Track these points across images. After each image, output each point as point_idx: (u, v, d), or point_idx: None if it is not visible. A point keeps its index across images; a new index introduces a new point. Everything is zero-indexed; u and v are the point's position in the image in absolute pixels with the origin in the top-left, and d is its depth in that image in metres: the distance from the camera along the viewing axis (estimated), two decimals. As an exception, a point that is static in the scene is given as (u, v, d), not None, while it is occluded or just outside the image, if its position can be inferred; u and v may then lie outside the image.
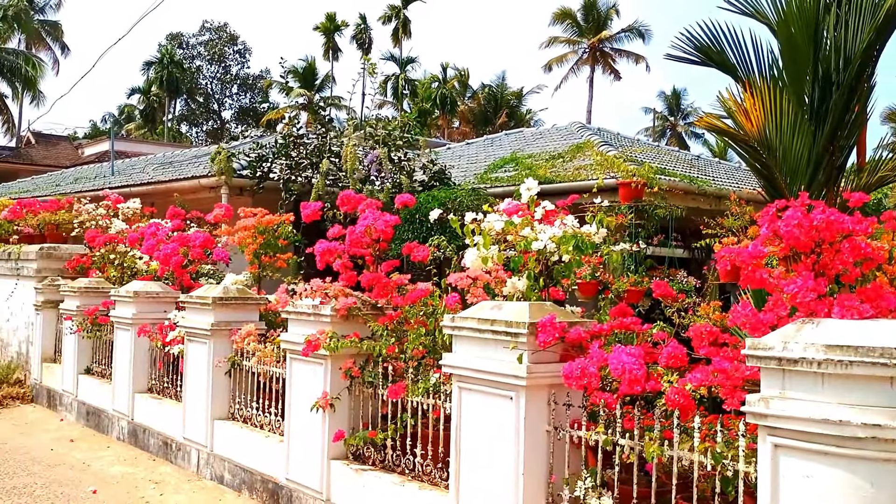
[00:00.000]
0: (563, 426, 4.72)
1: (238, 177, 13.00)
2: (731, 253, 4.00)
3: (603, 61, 47.59)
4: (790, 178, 5.97)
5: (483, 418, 4.96)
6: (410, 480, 5.71)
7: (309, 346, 6.12)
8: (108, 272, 10.90)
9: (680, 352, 4.38)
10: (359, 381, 6.24)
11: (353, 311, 6.22)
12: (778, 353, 3.41)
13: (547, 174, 13.37)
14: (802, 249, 3.86)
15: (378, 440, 6.01)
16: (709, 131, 6.36)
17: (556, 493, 4.73)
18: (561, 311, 5.00)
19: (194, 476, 7.92)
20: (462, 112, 50.99)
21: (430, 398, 5.63)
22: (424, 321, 5.97)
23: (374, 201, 7.04)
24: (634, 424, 4.33)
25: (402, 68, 52.20)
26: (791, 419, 3.35)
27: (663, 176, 11.77)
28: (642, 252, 10.09)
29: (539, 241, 5.17)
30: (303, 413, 6.43)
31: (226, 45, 61.66)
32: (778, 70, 6.09)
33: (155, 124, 58.46)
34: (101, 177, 19.25)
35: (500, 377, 4.79)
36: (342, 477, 6.19)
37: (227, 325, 7.73)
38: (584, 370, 4.31)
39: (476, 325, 4.97)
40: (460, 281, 5.68)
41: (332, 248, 6.60)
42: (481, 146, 20.09)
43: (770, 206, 3.97)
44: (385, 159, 11.98)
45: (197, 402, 7.99)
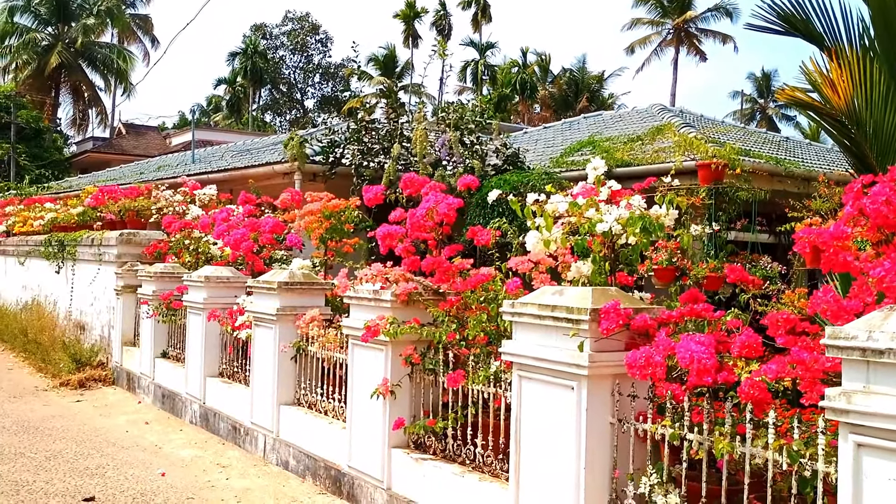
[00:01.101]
0: (627, 418, 4.45)
1: (311, 163, 13.03)
2: (810, 234, 3.66)
3: (688, 42, 46.23)
4: (881, 156, 5.52)
5: (544, 409, 4.73)
6: (471, 471, 5.53)
7: (368, 331, 6.00)
8: (184, 257, 11.06)
9: (754, 341, 4.05)
10: (419, 368, 6.09)
11: (413, 297, 6.06)
12: (861, 342, 3.08)
13: (625, 157, 12.96)
14: (891, 229, 3.49)
15: (438, 429, 5.84)
16: (791, 105, 5.94)
17: (619, 488, 4.47)
18: (626, 296, 4.72)
19: (260, 461, 7.93)
20: (542, 97, 50.37)
21: (490, 386, 5.43)
22: (486, 307, 5.77)
23: (438, 184, 6.85)
24: (703, 418, 4.04)
25: (482, 54, 51.91)
26: (876, 416, 3.02)
27: (747, 157, 11.24)
28: (723, 237, 9.65)
29: (604, 223, 4.88)
30: (364, 400, 6.32)
31: (308, 35, 62.51)
32: (869, 39, 5.62)
33: (240, 114, 59.80)
34: (182, 164, 19.66)
35: (560, 366, 4.56)
36: (402, 466, 6.05)
37: (292, 310, 7.70)
38: (649, 359, 4.03)
39: (536, 312, 4.73)
40: (521, 265, 5.45)
41: (392, 231, 6.45)
42: (559, 130, 19.69)
43: (856, 181, 3.61)
44: (456, 143, 11.79)
45: (264, 387, 7.99)
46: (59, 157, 39.05)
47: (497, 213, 10.52)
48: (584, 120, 20.34)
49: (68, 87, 45.83)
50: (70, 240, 13.79)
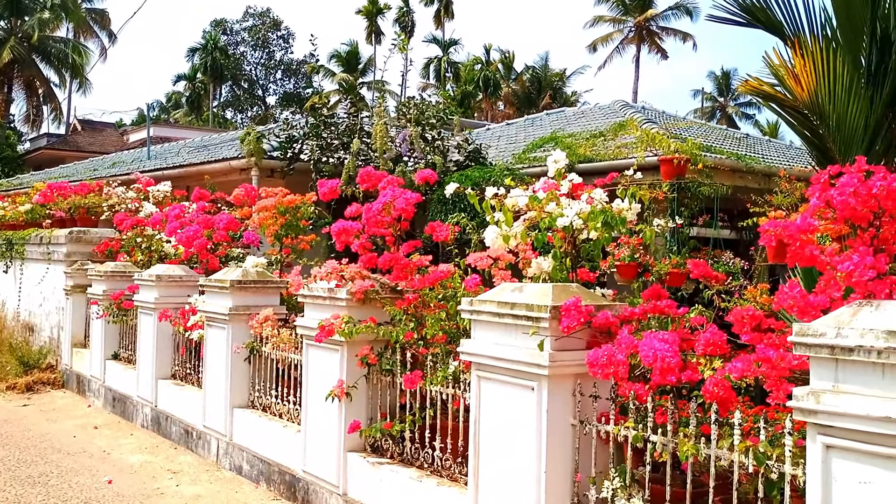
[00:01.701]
0: (589, 420, 4.30)
1: (269, 158, 12.73)
2: (776, 226, 3.53)
3: (649, 40, 46.45)
4: (845, 148, 5.43)
5: (503, 410, 4.56)
6: (429, 475, 5.35)
7: (322, 331, 5.78)
8: (136, 256, 10.73)
9: (719, 338, 3.92)
10: (376, 368, 5.88)
11: (369, 295, 5.85)
12: (830, 340, 2.95)
13: (587, 153, 12.85)
14: (859, 222, 3.37)
15: (395, 432, 5.65)
16: (754, 96, 5.84)
17: (581, 492, 4.32)
18: (588, 293, 4.57)
19: (213, 466, 7.67)
20: (506, 95, 50.32)
21: (449, 387, 5.24)
22: (445, 305, 5.59)
23: (396, 178, 6.66)
24: (667, 419, 3.90)
25: (445, 51, 51.72)
26: (845, 416, 2.89)
27: (709, 153, 11.19)
28: (685, 232, 9.57)
29: (565, 217, 4.73)
30: (319, 402, 6.10)
31: (269, 31, 61.73)
32: (831, 29, 5.53)
33: (201, 111, 58.90)
34: (137, 161, 19.20)
35: (520, 365, 4.39)
36: (359, 470, 5.85)
37: (245, 310, 7.44)
38: (611, 358, 3.88)
39: (495, 309, 4.56)
40: (480, 261, 5.28)
41: (348, 227, 6.24)
42: (521, 126, 19.56)
43: (822, 172, 3.48)
44: (417, 138, 11.59)
45: (216, 390, 7.73)
46: (12, 154, 38.02)
47: (459, 209, 10.35)
48: (546, 116, 20.26)
49: (21, 83, 44.69)
50: (18, 238, 13.34)
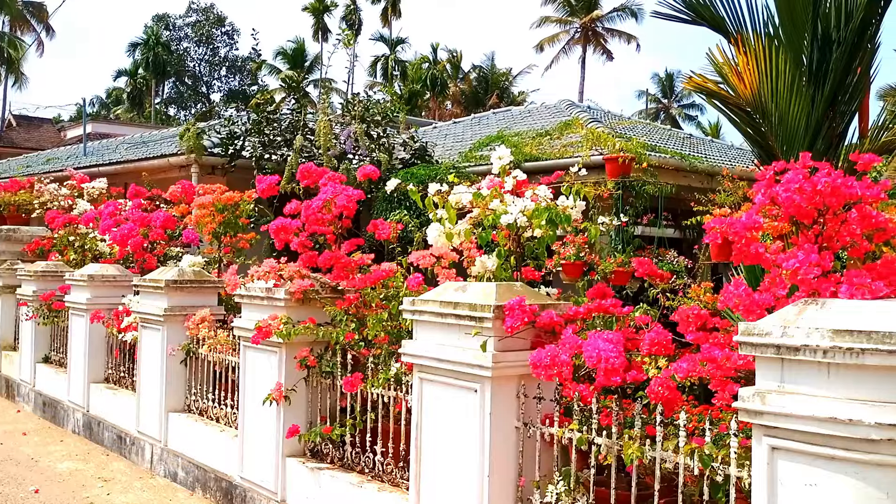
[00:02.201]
0: (533, 422, 4.19)
1: (209, 155, 12.42)
2: (721, 224, 3.47)
3: (595, 41, 46.85)
4: (787, 146, 5.43)
5: (446, 413, 4.43)
6: (369, 481, 5.19)
7: (260, 332, 5.58)
8: (69, 255, 10.34)
9: (664, 338, 3.85)
10: (316, 371, 5.70)
11: (309, 295, 5.67)
12: (776, 339, 2.88)
13: (533, 151, 12.83)
14: (804, 219, 3.32)
15: (335, 436, 5.48)
16: (697, 93, 5.81)
17: (525, 497, 4.21)
18: (532, 292, 4.47)
19: (147, 473, 7.39)
20: (454, 94, 50.27)
21: (391, 390, 5.10)
22: (387, 305, 5.44)
23: (338, 175, 6.47)
24: (612, 420, 3.81)
25: (392, 49, 51.44)
26: (791, 417, 2.82)
27: (653, 152, 11.24)
28: (630, 231, 9.58)
29: (509, 215, 4.62)
30: (257, 406, 5.89)
31: (213, 27, 60.67)
32: (773, 27, 5.52)
33: (143, 107, 57.62)
34: (73, 157, 18.60)
35: (463, 367, 4.27)
36: (298, 476, 5.66)
37: (181, 311, 7.18)
38: (555, 358, 3.78)
39: (438, 309, 4.43)
40: (422, 260, 5.14)
41: (286, 225, 6.04)
42: (468, 125, 19.49)
43: (767, 168, 3.43)
44: (362, 135, 11.41)
45: (151, 394, 7.45)
46: (-57, 150, 36.66)
47: (405, 207, 10.21)
48: (493, 115, 20.22)
49: (-47, 77, 43.19)
50: (-56, 237, 12.76)
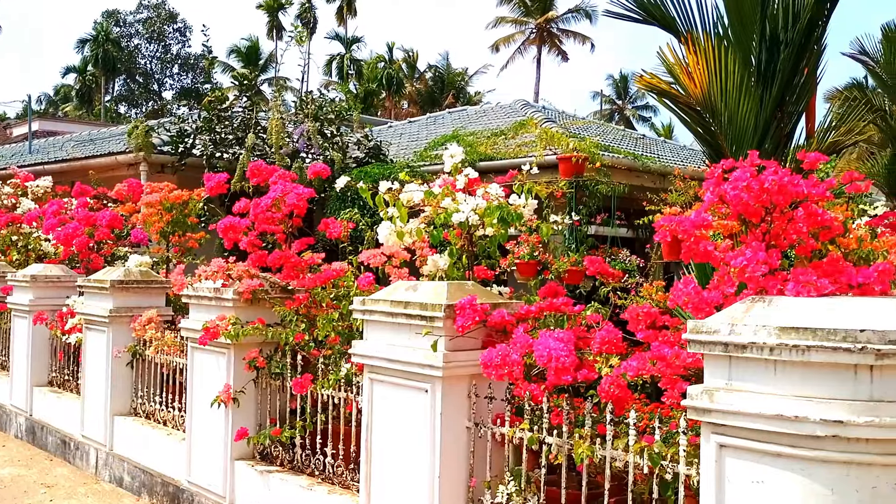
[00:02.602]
0: (484, 422, 4.16)
1: (159, 153, 12.21)
2: (671, 222, 3.47)
3: (550, 42, 47.12)
4: (736, 146, 5.49)
5: (396, 414, 4.38)
6: (320, 483, 5.11)
7: (207, 333, 5.46)
8: (11, 255, 10.03)
9: (614, 336, 3.84)
10: (265, 372, 5.60)
11: (258, 294, 5.57)
12: (724, 337, 2.88)
13: (488, 151, 12.84)
14: (751, 217, 3.33)
15: (284, 438, 5.39)
16: (649, 92, 5.85)
17: (476, 497, 4.17)
18: (484, 291, 4.44)
19: (92, 478, 7.20)
20: (410, 93, 50.18)
21: (341, 391, 5.02)
22: (337, 305, 5.36)
23: (288, 173, 6.37)
24: (563, 419, 3.79)
25: (348, 48, 51.17)
26: (739, 415, 2.82)
27: (606, 153, 11.32)
28: (583, 230, 9.62)
29: (460, 213, 4.58)
30: (205, 409, 5.76)
31: (165, 24, 59.70)
32: (723, 27, 5.58)
33: (92, 105, 56.47)
34: (18, 155, 18.12)
35: (414, 367, 4.22)
36: (247, 479, 5.55)
37: (128, 312, 7.01)
38: (506, 358, 3.75)
39: (388, 309, 4.37)
40: (373, 259, 5.08)
41: (235, 223, 5.93)
42: (423, 124, 19.46)
43: (716, 166, 3.44)
44: (315, 133, 11.29)
45: (96, 397, 7.26)
46: None
47: (358, 206, 10.11)
48: (448, 115, 20.22)
49: None
50: None
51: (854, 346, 2.62)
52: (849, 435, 2.62)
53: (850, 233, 4.53)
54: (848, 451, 2.64)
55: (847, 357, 2.63)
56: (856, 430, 2.61)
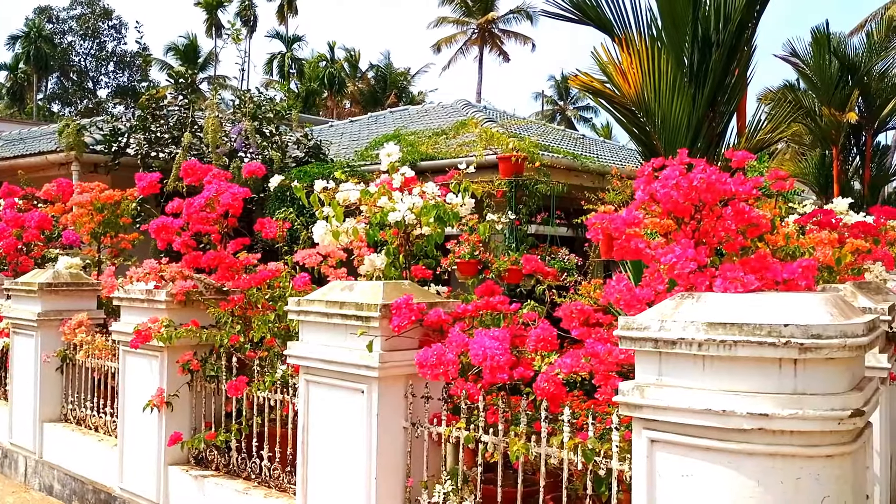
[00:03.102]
0: (421, 422, 4.14)
1: (91, 152, 11.88)
2: (602, 220, 3.50)
3: (491, 42, 47.33)
4: (669, 145, 5.57)
5: (333, 415, 4.33)
6: (256, 487, 5.03)
7: (139, 336, 5.33)
8: (-66, 258, 9.66)
9: (549, 333, 3.86)
10: (200, 375, 5.50)
11: (192, 296, 5.46)
12: (654, 333, 2.90)
13: (429, 150, 12.82)
14: (681, 214, 3.38)
15: (219, 442, 5.29)
16: (584, 92, 5.90)
17: (413, 497, 4.16)
18: (420, 290, 4.42)
19: (21, 487, 6.98)
20: (352, 93, 49.91)
21: (277, 393, 4.95)
22: (273, 306, 5.29)
23: (223, 172, 6.26)
24: (498, 418, 3.80)
25: (289, 46, 50.66)
26: (669, 410, 2.85)
27: (546, 152, 11.39)
28: (524, 230, 9.67)
29: (397, 212, 4.55)
30: (138, 413, 5.63)
31: (99, 20, 58.25)
32: (657, 28, 5.66)
33: (24, 103, 54.82)
34: (-57, 155, 17.45)
35: (350, 367, 4.18)
36: (181, 485, 5.44)
37: (57, 315, 6.82)
38: (441, 357, 3.74)
39: (324, 309, 4.32)
40: (308, 258, 5.02)
41: (167, 224, 5.80)
42: (365, 124, 19.35)
43: (646, 165, 3.48)
44: (252, 132, 11.12)
45: (25, 403, 7.03)
46: None
47: (297, 206, 10.00)
48: (390, 114, 20.14)
49: None
50: None
51: (778, 341, 2.67)
52: (774, 428, 2.67)
53: (778, 230, 4.65)
54: (773, 443, 2.69)
55: (772, 351, 2.68)
56: (780, 423, 2.66)
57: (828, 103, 13.28)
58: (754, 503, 2.75)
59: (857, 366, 2.95)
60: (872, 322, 2.97)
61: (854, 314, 2.96)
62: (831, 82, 13.30)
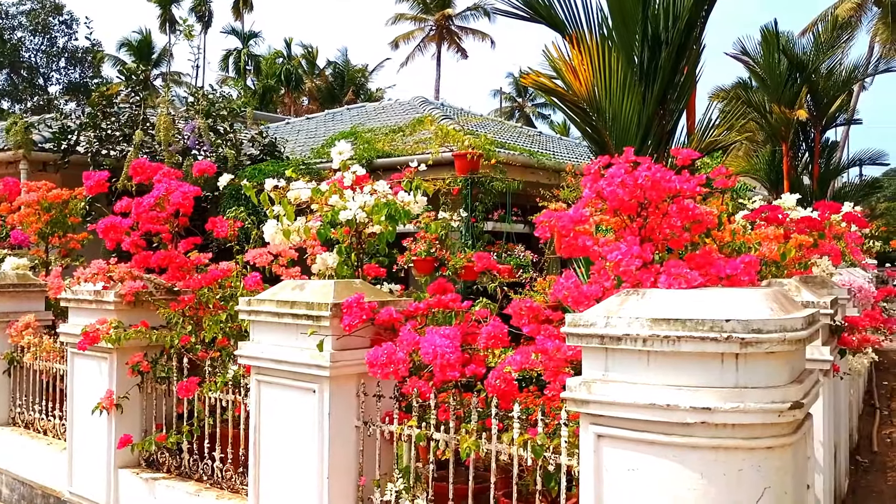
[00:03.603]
0: (373, 420, 4.14)
1: (40, 150, 11.66)
2: (550, 217, 3.53)
3: (449, 39, 47.34)
4: (620, 142, 5.63)
5: (285, 415, 4.31)
6: (208, 488, 4.98)
7: (86, 338, 5.24)
8: None
9: (499, 330, 3.88)
10: (150, 376, 5.42)
11: (141, 296, 5.38)
12: (600, 329, 2.93)
13: (385, 148, 12.81)
14: (627, 212, 3.43)
15: (170, 444, 5.22)
16: (535, 89, 5.93)
17: (366, 496, 4.15)
18: (372, 289, 4.41)
19: (-33, 493, 6.83)
20: (310, 90, 49.54)
21: (229, 393, 4.91)
22: (225, 306, 5.24)
23: (173, 171, 6.18)
24: (450, 415, 3.81)
25: (245, 43, 50.12)
26: (615, 405, 2.88)
27: (503, 149, 11.46)
28: (480, 227, 9.71)
29: (348, 211, 4.54)
30: (87, 416, 5.54)
31: (50, 16, 57.02)
32: (607, 27, 5.72)
33: (-29, 100, 53.49)
34: None
35: (301, 367, 4.15)
36: (131, 488, 5.37)
37: (3, 317, 6.69)
38: (391, 356, 3.74)
39: (274, 309, 4.29)
40: (258, 258, 4.98)
41: (115, 223, 5.70)
42: (322, 121, 19.26)
43: (593, 163, 3.52)
44: (206, 130, 10.99)
45: (-29, 408, 6.88)
46: None
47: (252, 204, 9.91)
48: (347, 111, 20.08)
49: None
50: None
51: (720, 336, 2.72)
52: (716, 421, 2.71)
53: (725, 226, 4.73)
54: (716, 436, 2.73)
55: (714, 346, 2.72)
56: (723, 416, 2.70)
57: (777, 101, 13.54)
58: (698, 496, 2.78)
59: (798, 359, 3.01)
60: (812, 316, 3.03)
61: (794, 309, 3.02)
62: (781, 80, 13.56)
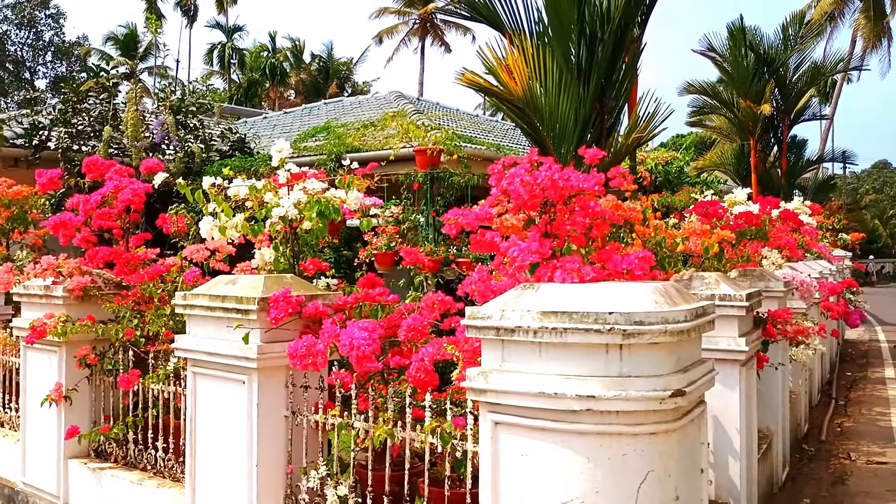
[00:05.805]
0: (300, 410, 4.28)
1: (11, 146, 11.73)
2: (457, 215, 3.68)
3: (433, 33, 47.37)
4: (558, 140, 5.78)
5: (217, 406, 4.45)
6: (150, 478, 5.13)
7: (34, 332, 5.37)
8: None
9: (419, 323, 4.03)
10: (98, 369, 5.56)
11: (89, 291, 5.51)
12: (496, 322, 3.08)
13: (356, 143, 12.94)
14: (531, 209, 3.58)
15: (114, 435, 5.36)
16: (471, 89, 6.06)
17: (294, 483, 4.30)
18: (302, 283, 4.55)
19: (-75, 485, 6.94)
20: (296, 83, 49.56)
21: (170, 385, 5.05)
22: (170, 300, 5.37)
23: (126, 168, 6.30)
24: (369, 405, 3.96)
25: (229, 36, 50.05)
26: (509, 394, 3.04)
27: (469, 144, 11.59)
28: (440, 221, 9.86)
29: (280, 208, 4.68)
30: (39, 408, 5.67)
31: (36, 9, 56.78)
32: (543, 26, 5.86)
33: (-44, 94, 53.29)
34: None
35: (232, 359, 4.30)
36: (80, 477, 5.51)
37: (-39, 312, 6.80)
38: (311, 348, 3.88)
39: (207, 303, 4.44)
40: (196, 253, 5.12)
41: (66, 220, 5.83)
42: (298, 115, 19.36)
43: (496, 163, 3.66)
44: (173, 126, 11.09)
45: (-70, 401, 6.99)
46: None
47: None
48: (324, 106, 20.18)
49: None
50: None
51: (603, 328, 2.87)
52: (601, 408, 2.86)
53: (649, 222, 4.89)
54: (601, 423, 2.89)
55: (598, 337, 2.88)
56: (607, 404, 2.86)
57: (744, 95, 13.70)
58: (585, 479, 2.94)
59: (687, 349, 3.16)
60: (702, 309, 3.19)
61: (683, 301, 3.17)
62: (747, 75, 13.72)
